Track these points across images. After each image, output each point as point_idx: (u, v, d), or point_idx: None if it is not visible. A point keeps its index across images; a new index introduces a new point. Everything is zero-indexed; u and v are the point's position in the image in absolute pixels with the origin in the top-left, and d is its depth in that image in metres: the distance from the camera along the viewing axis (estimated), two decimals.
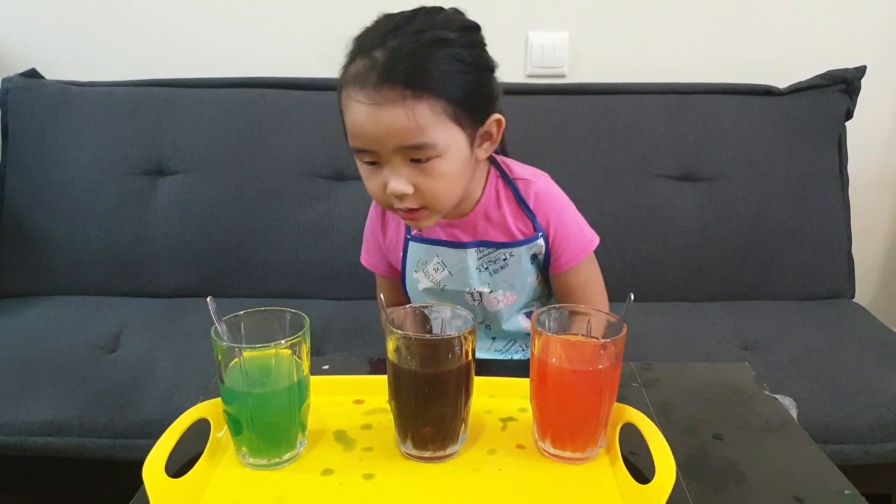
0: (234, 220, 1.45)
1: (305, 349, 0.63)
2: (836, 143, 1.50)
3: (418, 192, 0.77)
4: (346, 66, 0.76)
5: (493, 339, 0.98)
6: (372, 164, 0.78)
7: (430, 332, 0.66)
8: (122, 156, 1.45)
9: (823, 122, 1.49)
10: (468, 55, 0.75)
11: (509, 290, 0.92)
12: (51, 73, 1.55)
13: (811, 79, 1.50)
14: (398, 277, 0.95)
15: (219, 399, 0.64)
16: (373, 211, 0.97)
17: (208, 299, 0.62)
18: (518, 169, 0.91)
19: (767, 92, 1.50)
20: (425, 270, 0.92)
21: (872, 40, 1.61)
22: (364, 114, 0.73)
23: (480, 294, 0.92)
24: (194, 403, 0.68)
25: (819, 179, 1.48)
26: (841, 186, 1.50)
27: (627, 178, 1.41)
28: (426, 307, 0.67)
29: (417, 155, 0.75)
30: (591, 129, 1.46)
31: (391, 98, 0.72)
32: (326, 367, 0.80)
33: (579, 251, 0.90)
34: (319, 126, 1.46)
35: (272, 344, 0.61)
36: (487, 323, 0.97)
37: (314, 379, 0.66)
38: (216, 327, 0.61)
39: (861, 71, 1.47)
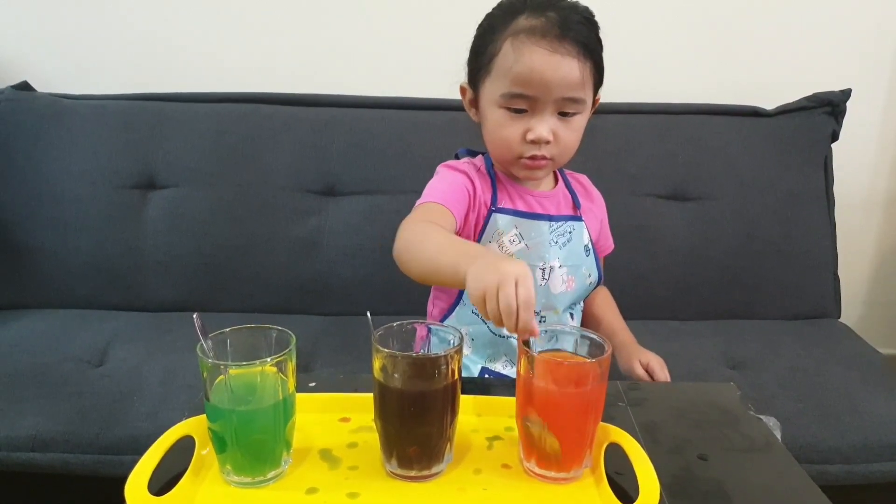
0: (224, 234, 1.45)
1: (291, 367, 0.63)
2: (823, 165, 1.52)
3: (555, 142, 0.88)
4: (510, 21, 0.85)
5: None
6: (518, 112, 0.86)
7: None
8: (114, 169, 1.45)
9: (810, 144, 1.51)
10: (600, 39, 0.88)
11: (572, 272, 0.96)
12: (43, 85, 1.55)
13: (798, 101, 1.53)
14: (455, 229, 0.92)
15: (204, 416, 0.64)
16: (471, 171, 0.96)
17: (194, 316, 0.62)
18: None
19: (755, 113, 1.52)
20: (500, 241, 0.93)
21: (858, 64, 1.64)
22: (545, 60, 0.82)
23: (551, 270, 0.94)
24: (181, 419, 0.68)
25: (806, 200, 1.50)
26: (827, 207, 1.52)
27: (617, 197, 1.41)
28: (413, 323, 0.67)
29: (570, 108, 0.86)
30: (581, 148, 1.46)
31: (571, 52, 0.83)
32: (313, 384, 0.80)
33: (606, 247, 1.09)
34: (311, 141, 1.46)
35: (258, 361, 0.61)
36: (544, 313, 0.97)
37: (300, 396, 0.66)
38: (202, 344, 0.61)
39: (847, 94, 1.50)
